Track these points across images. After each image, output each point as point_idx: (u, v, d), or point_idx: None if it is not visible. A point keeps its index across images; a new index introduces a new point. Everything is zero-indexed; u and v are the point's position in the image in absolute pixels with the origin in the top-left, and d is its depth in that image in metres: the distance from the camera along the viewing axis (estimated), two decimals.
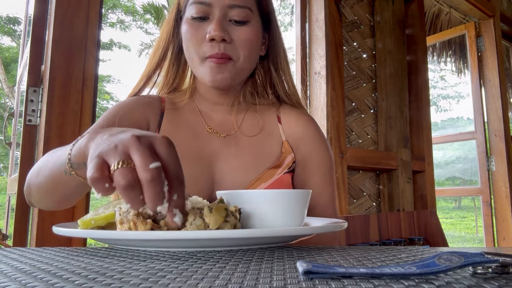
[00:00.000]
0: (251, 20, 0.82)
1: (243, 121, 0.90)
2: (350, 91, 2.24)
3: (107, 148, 0.43)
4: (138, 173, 0.41)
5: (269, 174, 0.83)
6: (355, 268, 0.31)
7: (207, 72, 0.80)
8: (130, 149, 0.43)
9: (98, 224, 0.53)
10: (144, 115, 0.85)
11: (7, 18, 12.57)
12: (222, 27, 0.78)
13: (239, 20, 0.80)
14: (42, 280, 0.31)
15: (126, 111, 0.84)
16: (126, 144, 0.43)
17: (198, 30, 0.80)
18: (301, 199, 0.55)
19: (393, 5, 2.36)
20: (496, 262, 0.31)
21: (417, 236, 2.06)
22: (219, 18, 0.78)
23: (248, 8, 0.81)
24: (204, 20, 0.80)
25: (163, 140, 0.44)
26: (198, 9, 0.79)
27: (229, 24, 0.80)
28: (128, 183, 0.41)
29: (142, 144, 0.43)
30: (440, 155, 9.16)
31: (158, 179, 0.41)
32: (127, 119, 0.82)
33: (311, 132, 0.90)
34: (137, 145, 0.42)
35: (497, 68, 3.10)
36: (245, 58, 0.81)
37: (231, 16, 0.80)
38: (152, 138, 0.44)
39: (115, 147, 0.43)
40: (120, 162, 0.41)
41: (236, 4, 0.79)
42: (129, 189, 0.41)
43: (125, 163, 0.41)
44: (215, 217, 0.47)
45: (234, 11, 0.80)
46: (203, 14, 0.79)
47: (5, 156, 11.50)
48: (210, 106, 0.90)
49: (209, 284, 0.29)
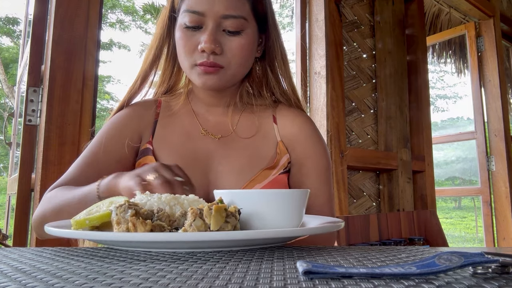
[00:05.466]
0: (245, 29, 0.81)
1: (239, 123, 0.89)
2: (350, 91, 2.24)
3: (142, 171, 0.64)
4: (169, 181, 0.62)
5: (264, 175, 0.82)
6: (355, 268, 0.31)
7: (195, 77, 0.81)
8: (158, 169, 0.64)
9: (92, 224, 0.52)
10: (136, 130, 0.88)
11: (6, 18, 12.56)
12: (214, 39, 0.77)
13: (233, 30, 0.79)
14: (42, 280, 0.31)
15: (117, 132, 0.87)
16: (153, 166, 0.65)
17: (191, 39, 0.79)
18: (299, 199, 0.55)
19: (393, 5, 2.36)
20: (496, 262, 0.31)
21: (417, 236, 2.06)
22: (211, 29, 0.78)
23: (243, 17, 0.80)
24: (197, 29, 0.80)
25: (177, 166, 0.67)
26: (191, 18, 0.79)
27: (222, 34, 0.79)
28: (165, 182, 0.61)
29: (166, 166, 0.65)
30: (440, 155, 9.16)
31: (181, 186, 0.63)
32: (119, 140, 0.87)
33: (307, 132, 0.90)
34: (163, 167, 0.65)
35: (497, 68, 3.10)
36: (236, 65, 0.81)
37: (225, 27, 0.79)
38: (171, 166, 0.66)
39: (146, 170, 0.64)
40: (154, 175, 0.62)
41: (230, 14, 0.78)
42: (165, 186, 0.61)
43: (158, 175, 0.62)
44: (216, 218, 0.47)
45: (228, 21, 0.79)
46: (196, 24, 0.79)
47: (5, 156, 11.50)
48: (206, 108, 0.90)
49: (209, 284, 0.29)
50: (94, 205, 0.57)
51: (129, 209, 0.49)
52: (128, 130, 0.87)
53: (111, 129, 0.88)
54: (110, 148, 0.85)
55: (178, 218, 0.51)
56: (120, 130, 0.87)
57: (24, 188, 1.25)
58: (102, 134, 0.87)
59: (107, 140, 0.86)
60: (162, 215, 0.50)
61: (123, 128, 0.87)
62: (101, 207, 0.55)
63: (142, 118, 0.89)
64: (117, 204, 0.50)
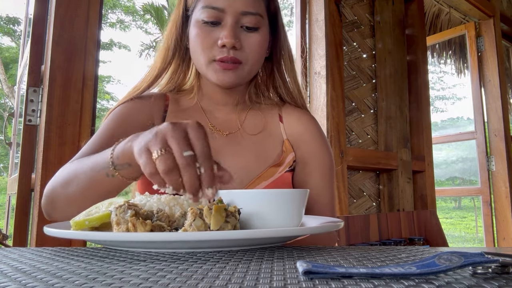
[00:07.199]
0: (261, 27, 0.82)
1: (246, 120, 0.90)
2: (350, 91, 2.24)
3: (149, 139, 0.51)
4: (176, 159, 0.48)
5: (270, 172, 0.83)
6: (355, 268, 0.31)
7: (213, 73, 0.80)
8: (167, 137, 0.49)
9: (92, 225, 0.52)
10: (150, 114, 0.86)
11: (7, 18, 12.56)
12: (235, 34, 0.78)
13: (251, 26, 0.81)
14: (42, 280, 0.31)
15: (133, 113, 0.85)
16: (163, 132, 0.50)
17: (209, 34, 0.80)
18: (298, 199, 0.55)
19: (393, 5, 2.36)
20: (496, 262, 0.31)
21: (417, 236, 2.06)
22: (232, 25, 0.79)
23: (260, 14, 0.81)
24: (216, 25, 0.80)
25: (194, 125, 0.51)
26: (210, 13, 0.79)
27: (240, 30, 0.80)
28: (168, 167, 0.48)
29: (177, 131, 0.50)
30: (440, 155, 9.15)
31: (192, 164, 0.48)
32: (134, 121, 0.83)
33: (312, 131, 0.90)
34: (172, 133, 0.49)
35: (497, 68, 3.10)
36: (254, 61, 0.82)
37: (243, 23, 0.80)
38: (184, 124, 0.51)
39: (155, 136, 0.50)
40: (159, 150, 0.48)
41: (249, 11, 0.80)
42: (169, 173, 0.48)
43: (163, 150, 0.48)
44: (216, 217, 0.47)
45: (247, 18, 0.80)
46: (215, 19, 0.79)
47: (5, 156, 11.50)
48: (214, 105, 0.91)
49: (209, 284, 0.29)
50: (93, 206, 0.56)
51: (129, 210, 0.49)
52: (143, 115, 0.86)
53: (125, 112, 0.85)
54: (126, 127, 0.82)
55: (178, 218, 0.51)
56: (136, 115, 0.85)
57: (24, 188, 1.25)
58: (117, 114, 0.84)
59: (123, 119, 0.83)
60: (162, 215, 0.50)
61: (138, 113, 0.86)
62: (100, 208, 0.55)
63: (154, 107, 0.88)
64: (117, 205, 0.50)
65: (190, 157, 0.48)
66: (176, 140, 0.49)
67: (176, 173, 0.48)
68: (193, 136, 0.50)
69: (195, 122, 0.52)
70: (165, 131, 0.50)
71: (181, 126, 0.51)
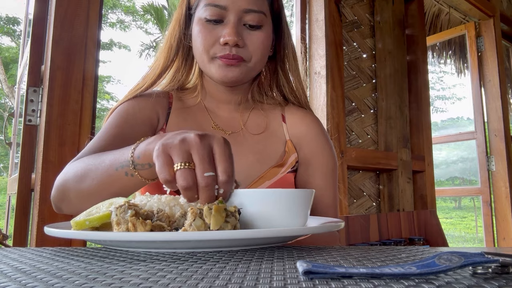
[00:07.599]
0: (264, 25, 0.82)
1: (249, 119, 0.90)
2: (350, 91, 2.24)
3: (172, 143, 0.49)
4: (197, 177, 0.48)
5: (273, 172, 0.83)
6: (355, 268, 0.31)
7: (215, 70, 0.80)
8: (192, 150, 0.49)
9: (92, 225, 0.52)
10: (155, 110, 0.86)
11: (7, 18, 12.56)
12: (237, 32, 0.78)
13: (254, 24, 0.80)
14: (42, 280, 0.31)
15: (138, 110, 0.84)
16: (189, 143, 0.49)
17: (212, 32, 0.79)
18: (305, 199, 0.55)
19: (393, 5, 2.36)
20: (496, 262, 0.31)
21: (417, 236, 2.06)
22: (234, 23, 0.78)
23: (263, 12, 0.81)
24: (218, 23, 0.80)
25: (221, 142, 0.51)
26: (213, 11, 0.79)
27: (243, 28, 0.80)
28: (187, 185, 0.48)
29: (202, 147, 0.49)
30: (440, 155, 9.15)
31: (212, 185, 0.48)
32: (140, 118, 0.83)
33: (315, 132, 0.90)
34: (198, 147, 0.49)
35: (497, 68, 3.10)
36: (257, 59, 0.82)
37: (246, 21, 0.80)
38: (211, 139, 0.50)
39: (180, 144, 0.49)
40: (182, 164, 0.48)
41: (251, 9, 0.79)
42: (188, 190, 0.48)
43: (186, 165, 0.48)
44: (216, 217, 0.47)
45: (249, 15, 0.80)
46: (217, 17, 0.79)
47: (5, 156, 11.50)
48: (217, 104, 0.90)
49: (209, 284, 0.29)
50: (93, 206, 0.56)
51: (129, 210, 0.49)
52: (148, 110, 0.85)
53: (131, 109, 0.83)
54: (133, 123, 0.81)
55: (178, 218, 0.51)
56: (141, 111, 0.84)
57: (24, 188, 1.25)
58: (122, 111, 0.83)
59: (129, 116, 0.82)
60: (162, 215, 0.50)
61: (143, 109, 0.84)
62: (100, 208, 0.55)
63: (158, 104, 0.87)
64: (117, 205, 0.50)
65: (211, 178, 0.48)
66: (200, 157, 0.48)
67: (194, 191, 0.48)
68: (218, 154, 0.49)
69: (222, 139, 0.51)
70: (191, 143, 0.49)
71: (208, 140, 0.50)
